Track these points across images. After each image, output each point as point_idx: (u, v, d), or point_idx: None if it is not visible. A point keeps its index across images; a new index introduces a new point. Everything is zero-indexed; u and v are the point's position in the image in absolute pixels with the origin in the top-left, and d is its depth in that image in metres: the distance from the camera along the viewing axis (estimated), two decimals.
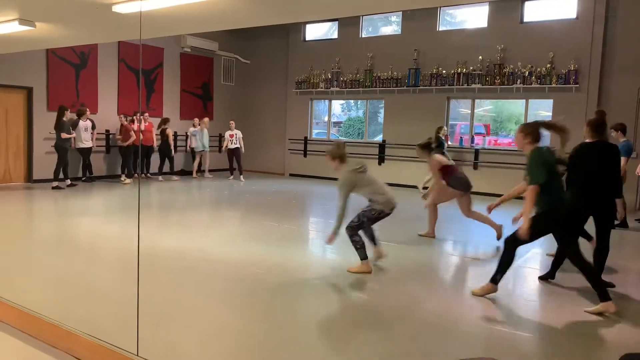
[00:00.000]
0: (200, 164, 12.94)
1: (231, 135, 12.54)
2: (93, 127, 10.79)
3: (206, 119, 12.76)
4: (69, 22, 4.67)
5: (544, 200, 4.08)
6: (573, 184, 4.69)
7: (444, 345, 3.38)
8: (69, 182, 10.11)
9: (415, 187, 10.88)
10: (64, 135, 9.85)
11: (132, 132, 11.03)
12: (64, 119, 9.90)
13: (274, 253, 5.50)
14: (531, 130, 4.24)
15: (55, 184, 9.81)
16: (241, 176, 12.46)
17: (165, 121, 12.13)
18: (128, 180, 11.05)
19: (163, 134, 11.99)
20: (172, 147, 12.22)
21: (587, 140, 4.74)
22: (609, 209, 4.61)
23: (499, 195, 10.61)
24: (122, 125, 11.11)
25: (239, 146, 12.59)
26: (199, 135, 12.60)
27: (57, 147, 9.88)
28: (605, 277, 4.60)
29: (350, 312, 3.94)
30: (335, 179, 8.19)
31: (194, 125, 12.68)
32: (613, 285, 4.62)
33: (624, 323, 3.82)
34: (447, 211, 6.77)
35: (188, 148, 12.92)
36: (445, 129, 10.62)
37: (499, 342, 3.41)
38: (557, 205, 4.13)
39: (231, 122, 12.71)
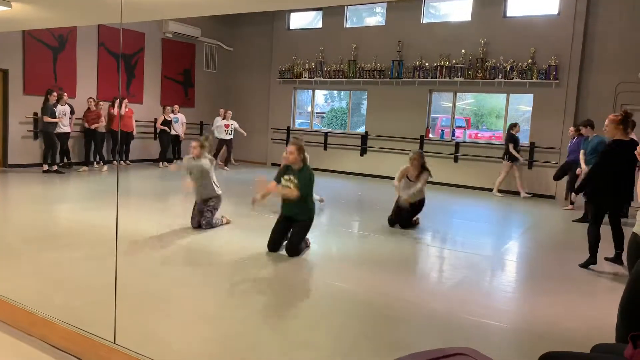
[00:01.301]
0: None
1: (226, 126, 12.26)
2: (72, 112, 10.57)
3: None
4: (47, 3, 4.54)
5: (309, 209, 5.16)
6: (599, 175, 5.06)
7: (421, 335, 3.42)
8: (45, 167, 10.01)
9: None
10: (46, 119, 9.91)
11: (103, 117, 10.84)
12: (50, 102, 9.92)
13: (255, 242, 5.48)
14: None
15: (45, 167, 10.00)
16: (227, 167, 12.43)
17: (162, 110, 12.28)
18: (105, 168, 10.80)
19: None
20: (168, 133, 12.26)
21: (620, 138, 4.93)
22: (623, 201, 5.21)
23: (479, 188, 10.74)
24: (88, 108, 10.84)
25: (232, 137, 12.40)
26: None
27: (41, 131, 10.08)
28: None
29: (328, 301, 3.96)
30: (320, 170, 8.15)
31: (172, 112, 12.49)
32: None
33: (594, 314, 3.92)
34: (428, 204, 6.83)
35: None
36: (519, 126, 10.05)
37: (476, 332, 3.47)
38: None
39: (228, 111, 12.44)
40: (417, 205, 6.65)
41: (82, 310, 3.35)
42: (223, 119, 12.33)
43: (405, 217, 6.56)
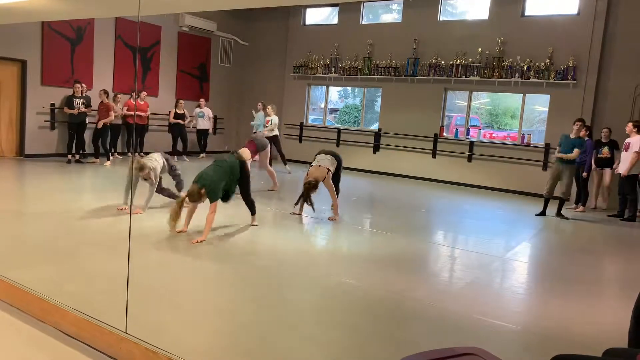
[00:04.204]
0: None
1: (267, 121, 11.23)
2: (88, 105, 10.64)
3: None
4: None
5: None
6: None
7: (430, 334, 3.41)
8: (69, 157, 10.19)
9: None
10: (65, 110, 10.17)
11: (112, 111, 10.73)
12: (75, 94, 10.16)
13: (265, 236, 5.51)
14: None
15: (69, 157, 10.23)
16: (287, 166, 11.28)
17: (175, 104, 12.34)
18: (108, 162, 10.51)
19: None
20: (182, 127, 12.23)
21: None
22: None
23: (493, 189, 10.66)
24: (101, 102, 10.75)
25: (277, 133, 11.25)
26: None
27: (68, 123, 10.32)
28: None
29: (339, 297, 3.96)
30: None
31: (198, 106, 12.59)
32: None
33: (607, 318, 3.87)
34: (440, 203, 6.79)
35: (193, 129, 12.76)
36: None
37: (486, 333, 3.45)
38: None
39: (269, 106, 11.38)
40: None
41: (94, 300, 3.38)
42: (265, 115, 11.25)
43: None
